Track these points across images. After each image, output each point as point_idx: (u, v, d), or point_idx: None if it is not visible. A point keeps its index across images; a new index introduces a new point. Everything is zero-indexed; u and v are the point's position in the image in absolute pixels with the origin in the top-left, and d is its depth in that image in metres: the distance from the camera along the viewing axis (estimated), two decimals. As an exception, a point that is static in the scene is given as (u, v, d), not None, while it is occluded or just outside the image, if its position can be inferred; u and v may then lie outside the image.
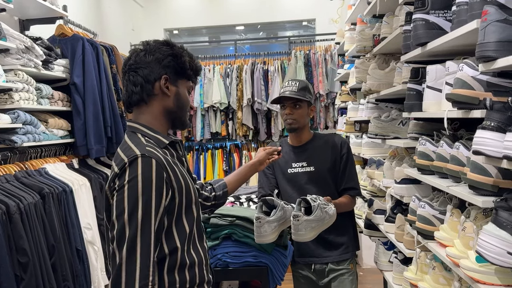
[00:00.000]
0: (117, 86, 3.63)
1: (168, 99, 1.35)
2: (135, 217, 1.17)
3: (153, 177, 1.20)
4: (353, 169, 2.28)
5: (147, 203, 1.19)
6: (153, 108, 1.35)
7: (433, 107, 1.62)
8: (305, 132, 2.29)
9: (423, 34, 1.58)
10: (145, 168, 1.21)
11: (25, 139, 2.64)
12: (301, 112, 2.21)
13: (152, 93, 1.33)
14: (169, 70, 1.33)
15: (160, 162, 1.24)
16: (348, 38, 3.31)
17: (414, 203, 1.81)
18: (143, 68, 1.31)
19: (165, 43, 1.35)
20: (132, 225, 1.17)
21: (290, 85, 2.21)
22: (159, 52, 1.32)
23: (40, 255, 2.35)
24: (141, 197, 1.18)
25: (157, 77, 1.32)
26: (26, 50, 2.71)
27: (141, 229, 1.17)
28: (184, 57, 1.35)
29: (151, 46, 1.34)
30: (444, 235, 1.55)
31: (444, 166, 1.53)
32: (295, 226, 1.84)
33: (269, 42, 6.74)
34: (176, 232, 1.29)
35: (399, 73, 2.05)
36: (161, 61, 1.32)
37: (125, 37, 5.59)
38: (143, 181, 1.19)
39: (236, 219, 2.06)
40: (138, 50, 1.35)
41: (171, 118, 1.38)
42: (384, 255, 2.42)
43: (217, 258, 2.09)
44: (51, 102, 3.08)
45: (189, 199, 1.33)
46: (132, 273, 1.16)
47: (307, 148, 2.28)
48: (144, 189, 1.19)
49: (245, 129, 5.28)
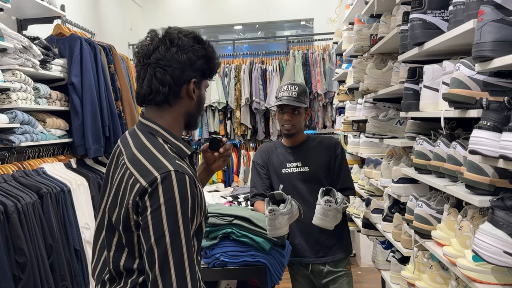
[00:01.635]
0: (115, 86, 3.63)
1: (192, 103, 1.26)
2: (178, 241, 1.08)
3: (189, 195, 1.11)
4: (348, 169, 2.34)
5: (187, 224, 1.10)
6: (176, 111, 1.25)
7: (430, 106, 1.62)
8: (299, 134, 2.31)
9: (420, 34, 1.58)
10: (180, 185, 1.10)
11: (23, 139, 2.64)
12: (299, 117, 2.24)
13: (178, 96, 1.22)
14: (199, 73, 1.23)
15: (191, 178, 1.14)
16: (345, 37, 3.31)
17: (411, 202, 1.81)
18: (174, 68, 1.19)
19: (196, 39, 1.22)
20: (176, 250, 1.08)
21: (290, 89, 2.21)
22: (192, 51, 1.20)
23: (38, 255, 2.35)
24: (181, 219, 1.09)
25: (187, 80, 1.21)
26: (24, 49, 2.70)
27: (186, 253, 1.09)
28: (216, 59, 1.26)
29: (183, 42, 1.20)
30: (441, 234, 1.56)
31: (441, 166, 1.54)
32: (270, 221, 1.87)
33: (267, 42, 6.74)
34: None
35: (397, 73, 2.05)
36: (193, 63, 1.20)
37: (123, 37, 5.58)
38: (181, 201, 1.10)
39: (234, 219, 2.07)
40: (165, 42, 1.19)
41: (189, 120, 1.30)
42: (381, 254, 2.43)
43: (215, 257, 2.09)
44: (49, 101, 3.07)
45: (204, 213, 1.27)
46: None
47: (301, 149, 2.31)
48: (182, 210, 1.10)
49: (243, 129, 5.28)
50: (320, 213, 1.92)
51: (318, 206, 1.94)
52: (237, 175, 5.35)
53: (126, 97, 3.76)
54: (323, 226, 1.95)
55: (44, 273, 2.38)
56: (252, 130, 5.30)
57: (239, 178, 5.30)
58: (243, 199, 2.93)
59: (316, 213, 1.94)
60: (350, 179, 2.35)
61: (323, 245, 2.26)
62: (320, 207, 1.92)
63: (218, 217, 2.06)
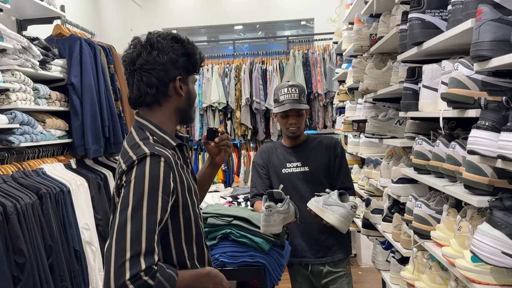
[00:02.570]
0: (114, 86, 3.63)
1: (181, 99, 1.34)
2: (139, 214, 1.14)
3: (161, 175, 1.19)
4: (348, 169, 2.34)
5: (153, 200, 1.16)
6: (166, 109, 1.33)
7: (429, 106, 1.61)
8: (300, 134, 2.32)
9: (419, 34, 1.58)
10: (153, 166, 1.20)
11: (22, 139, 2.64)
12: (303, 119, 2.27)
13: (167, 94, 1.31)
14: (182, 70, 1.32)
15: (168, 160, 1.23)
16: (345, 37, 3.30)
17: (410, 202, 1.81)
18: (157, 70, 1.28)
19: (174, 39, 1.31)
20: (135, 222, 1.13)
21: (290, 92, 2.19)
22: (172, 51, 1.29)
23: (37, 255, 2.35)
24: (147, 194, 1.16)
25: (172, 78, 1.30)
26: (23, 50, 2.70)
27: (146, 228, 1.13)
28: (196, 55, 1.33)
29: (162, 44, 1.28)
30: (440, 235, 1.55)
31: (440, 166, 1.53)
32: (265, 217, 1.90)
33: (267, 42, 6.74)
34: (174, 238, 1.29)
35: (396, 73, 2.04)
36: (175, 61, 1.29)
37: (123, 37, 5.57)
38: (150, 178, 1.18)
39: (234, 219, 2.06)
40: (147, 47, 1.28)
41: (181, 116, 1.38)
42: (381, 254, 2.42)
43: (215, 258, 2.09)
44: (49, 102, 3.07)
45: (193, 201, 1.33)
46: None
47: (301, 149, 2.31)
48: (151, 187, 1.17)
49: (243, 129, 5.28)
50: (343, 217, 1.95)
51: (342, 209, 1.96)
52: (238, 175, 5.35)
53: (126, 98, 3.75)
54: (342, 229, 1.99)
55: (44, 273, 2.38)
56: (252, 130, 5.30)
57: (239, 178, 5.30)
58: (243, 199, 2.93)
59: (339, 216, 1.96)
60: (350, 179, 2.36)
61: (323, 245, 2.26)
62: (345, 211, 1.95)
63: (217, 218, 2.06)
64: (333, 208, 1.98)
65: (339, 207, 1.96)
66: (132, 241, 1.12)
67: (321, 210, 2.00)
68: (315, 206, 2.03)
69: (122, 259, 1.10)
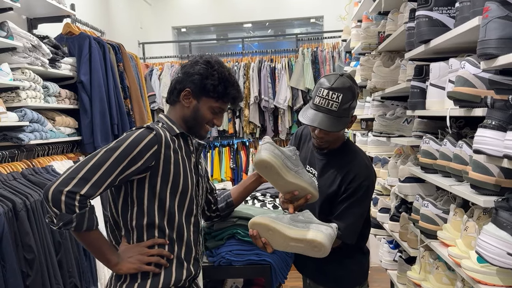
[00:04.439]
0: (124, 84, 3.65)
1: (187, 109, 1.50)
2: (110, 155, 1.31)
3: (142, 143, 1.35)
4: (351, 209, 1.64)
5: (124, 155, 1.32)
6: (176, 111, 1.52)
7: (436, 105, 1.59)
8: (335, 142, 1.72)
9: (426, 31, 1.56)
10: (142, 134, 1.37)
11: (32, 137, 2.67)
12: (337, 133, 1.66)
13: (177, 99, 1.51)
14: (193, 86, 1.47)
15: (159, 136, 1.38)
16: (354, 35, 3.28)
17: (417, 202, 1.79)
18: (180, 76, 1.51)
19: (206, 63, 1.49)
20: (103, 158, 1.30)
21: (330, 98, 1.54)
22: (193, 68, 1.48)
23: (46, 251, 2.37)
24: (124, 148, 1.33)
25: (182, 88, 1.49)
26: (33, 48, 2.73)
27: (107, 167, 1.29)
28: (211, 81, 1.46)
29: (196, 60, 1.51)
30: (447, 235, 1.54)
31: (447, 165, 1.51)
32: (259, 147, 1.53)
33: (276, 40, 6.71)
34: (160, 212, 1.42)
35: (404, 71, 2.02)
36: (190, 76, 1.48)
37: (133, 36, 5.61)
38: (131, 142, 1.34)
39: (238, 219, 2.06)
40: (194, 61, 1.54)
41: (187, 125, 1.52)
42: (388, 254, 2.41)
43: (221, 256, 2.08)
44: (58, 100, 3.10)
45: (183, 190, 1.44)
46: (67, 178, 1.28)
47: (327, 157, 1.75)
48: (125, 149, 1.32)
49: (252, 127, 5.28)
50: (332, 237, 1.44)
51: (329, 229, 1.45)
52: (246, 173, 5.35)
53: (135, 96, 3.78)
54: (326, 249, 1.42)
55: (52, 269, 2.41)
56: (261, 128, 5.29)
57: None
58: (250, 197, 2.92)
59: (326, 231, 1.44)
60: (345, 219, 1.64)
61: (318, 270, 1.84)
62: (332, 231, 1.46)
63: (222, 221, 2.06)
64: (313, 225, 1.44)
65: (324, 226, 1.45)
66: (91, 168, 1.29)
67: (286, 227, 1.45)
68: (270, 220, 1.46)
69: (74, 175, 1.27)
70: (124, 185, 1.41)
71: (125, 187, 1.41)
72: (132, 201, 1.41)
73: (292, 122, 5.23)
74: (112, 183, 1.33)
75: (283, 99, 5.11)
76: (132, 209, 1.41)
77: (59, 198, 1.26)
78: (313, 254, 1.45)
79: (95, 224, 1.33)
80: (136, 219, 1.41)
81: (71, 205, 1.26)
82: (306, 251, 1.45)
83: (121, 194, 1.42)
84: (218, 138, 5.52)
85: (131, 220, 1.42)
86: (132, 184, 1.40)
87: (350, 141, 1.78)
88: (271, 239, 1.48)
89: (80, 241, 1.40)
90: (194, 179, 1.51)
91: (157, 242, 1.43)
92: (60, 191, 1.26)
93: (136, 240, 1.44)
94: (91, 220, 1.32)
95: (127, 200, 1.42)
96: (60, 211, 1.26)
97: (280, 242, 1.46)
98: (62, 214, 1.26)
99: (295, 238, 1.41)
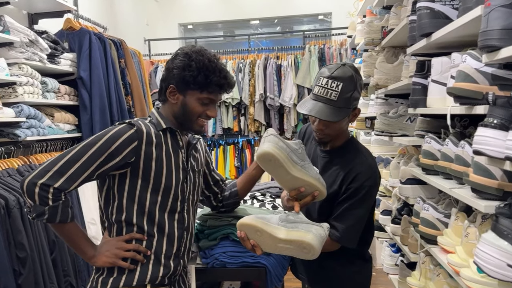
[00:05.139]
0: (125, 81, 3.60)
1: (175, 106, 1.45)
2: (86, 150, 1.30)
3: (120, 140, 1.33)
4: (351, 210, 1.53)
5: (102, 150, 1.31)
6: (166, 108, 1.48)
7: (438, 102, 1.50)
8: (338, 139, 1.62)
9: (427, 24, 1.46)
10: (121, 129, 1.35)
11: (29, 133, 2.63)
12: (338, 125, 1.53)
13: (165, 97, 1.47)
14: (175, 81, 1.42)
15: (139, 131, 1.36)
16: (359, 31, 3.18)
17: (418, 204, 1.70)
18: (163, 73, 1.47)
19: (184, 54, 1.43)
20: (80, 152, 1.30)
21: (329, 87, 1.45)
22: (172, 63, 1.44)
23: (40, 250, 2.34)
24: (101, 143, 1.31)
25: (167, 85, 1.45)
26: (31, 43, 2.70)
27: (83, 161, 1.29)
28: (189, 72, 1.40)
29: (175, 54, 1.45)
30: (447, 241, 1.45)
31: (448, 166, 1.42)
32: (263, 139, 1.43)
33: (284, 37, 6.62)
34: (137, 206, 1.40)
35: (407, 67, 1.93)
36: (170, 71, 1.43)
37: (139, 32, 5.57)
38: (108, 138, 1.32)
39: (233, 219, 1.99)
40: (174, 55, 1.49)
41: (179, 121, 1.48)
42: (390, 257, 2.31)
43: (215, 257, 2.02)
44: (58, 96, 3.07)
45: (166, 187, 1.41)
46: (43, 171, 1.28)
47: (328, 157, 1.65)
48: (102, 145, 1.31)
49: (257, 125, 5.20)
50: (322, 238, 1.36)
51: (320, 229, 1.37)
52: (251, 172, 5.27)
53: (137, 93, 3.73)
54: (316, 251, 1.34)
55: (46, 268, 2.37)
56: (266, 126, 5.22)
57: (252, 175, 5.22)
58: (249, 197, 2.85)
59: (316, 232, 1.35)
60: (344, 221, 1.53)
61: (320, 274, 1.74)
62: (322, 231, 1.38)
63: (217, 219, 1.99)
64: (303, 225, 1.36)
65: (314, 226, 1.36)
66: (67, 162, 1.29)
67: (275, 228, 1.37)
68: (258, 221, 1.38)
69: (50, 168, 1.28)
70: (108, 179, 1.41)
71: (108, 180, 1.41)
72: (113, 195, 1.41)
73: (297, 121, 5.15)
74: (88, 177, 1.33)
75: (288, 97, 5.02)
76: (113, 203, 1.41)
77: (33, 190, 1.27)
78: (303, 256, 1.37)
79: (69, 217, 1.34)
80: (116, 213, 1.41)
81: (44, 197, 1.28)
82: (296, 253, 1.36)
83: (104, 187, 1.42)
84: (223, 136, 5.46)
85: (111, 214, 1.42)
86: (114, 179, 1.40)
87: (355, 139, 1.68)
88: (260, 241, 1.39)
89: (57, 233, 1.42)
90: (181, 175, 1.47)
91: (134, 236, 1.41)
92: (34, 183, 1.27)
93: (116, 234, 1.43)
94: (65, 213, 1.32)
95: (108, 194, 1.42)
96: (34, 203, 1.29)
97: (268, 244, 1.37)
98: (36, 205, 1.29)
99: (284, 239, 1.32)
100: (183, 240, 1.53)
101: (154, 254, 1.43)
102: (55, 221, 1.32)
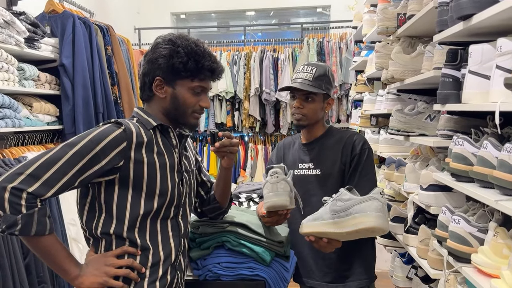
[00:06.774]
0: (111, 70, 3.34)
1: (164, 100, 1.32)
2: (66, 150, 1.14)
3: (105, 140, 1.18)
4: (370, 176, 1.72)
5: (79, 155, 1.15)
6: (153, 106, 1.35)
7: (477, 97, 1.28)
8: (316, 128, 1.84)
9: (467, 4, 1.24)
10: (107, 129, 1.20)
11: (3, 124, 2.39)
12: (314, 106, 1.78)
13: (151, 93, 1.33)
14: (162, 71, 1.29)
15: (128, 131, 1.21)
16: (366, 21, 2.96)
17: (444, 215, 1.48)
18: (144, 67, 1.32)
19: (168, 41, 1.30)
20: (58, 153, 1.14)
21: (305, 70, 1.78)
22: (155, 53, 1.30)
23: (11, 255, 2.11)
24: (77, 148, 1.15)
25: (152, 78, 1.30)
26: (6, 25, 2.43)
27: (62, 164, 1.13)
28: (178, 59, 1.27)
29: (156, 43, 1.32)
30: (484, 260, 1.23)
31: (490, 174, 1.20)
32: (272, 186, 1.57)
33: (281, 29, 6.38)
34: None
35: (429, 58, 1.71)
36: (154, 62, 1.29)
37: (129, 20, 5.31)
38: (92, 139, 1.17)
39: (229, 225, 1.76)
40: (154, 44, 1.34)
41: (171, 117, 1.35)
42: (401, 269, 2.10)
43: (207, 269, 1.78)
44: (37, 84, 2.81)
45: (161, 193, 1.27)
46: (17, 172, 1.11)
47: (315, 146, 1.84)
48: (85, 145, 1.15)
49: (251, 121, 4.96)
50: (380, 211, 1.30)
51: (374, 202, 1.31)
52: (244, 169, 5.05)
53: (124, 83, 3.47)
54: (385, 228, 1.31)
55: (18, 274, 2.14)
56: (261, 122, 4.98)
57: (245, 173, 4.99)
58: (245, 199, 2.62)
59: (375, 211, 1.29)
60: (363, 188, 1.54)
61: (333, 268, 1.78)
62: (377, 202, 1.30)
63: (210, 225, 1.76)
64: (355, 208, 1.33)
65: (366, 202, 1.32)
66: (44, 164, 1.12)
67: (333, 223, 1.39)
68: (316, 225, 1.43)
69: (23, 170, 1.11)
70: (92, 188, 1.24)
71: (93, 190, 1.24)
72: (99, 207, 1.24)
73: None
74: (69, 183, 1.15)
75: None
76: (100, 215, 1.24)
77: (2, 196, 1.09)
78: (375, 234, 1.41)
79: (47, 228, 1.14)
80: (102, 226, 1.24)
81: (16, 204, 1.09)
82: (366, 235, 1.38)
83: (87, 198, 1.26)
84: (216, 132, 5.21)
85: (95, 228, 1.25)
86: (100, 187, 1.23)
87: (334, 127, 1.91)
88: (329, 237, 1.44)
89: (32, 249, 1.18)
90: (176, 177, 1.33)
91: (127, 251, 1.24)
92: (4, 188, 1.09)
93: (104, 250, 1.26)
94: (42, 223, 1.13)
95: (93, 205, 1.25)
96: (4, 212, 1.09)
97: (338, 237, 1.43)
98: (5, 215, 1.09)
99: (348, 232, 1.35)
100: (180, 249, 1.38)
101: (149, 270, 1.26)
102: (29, 233, 1.11)
